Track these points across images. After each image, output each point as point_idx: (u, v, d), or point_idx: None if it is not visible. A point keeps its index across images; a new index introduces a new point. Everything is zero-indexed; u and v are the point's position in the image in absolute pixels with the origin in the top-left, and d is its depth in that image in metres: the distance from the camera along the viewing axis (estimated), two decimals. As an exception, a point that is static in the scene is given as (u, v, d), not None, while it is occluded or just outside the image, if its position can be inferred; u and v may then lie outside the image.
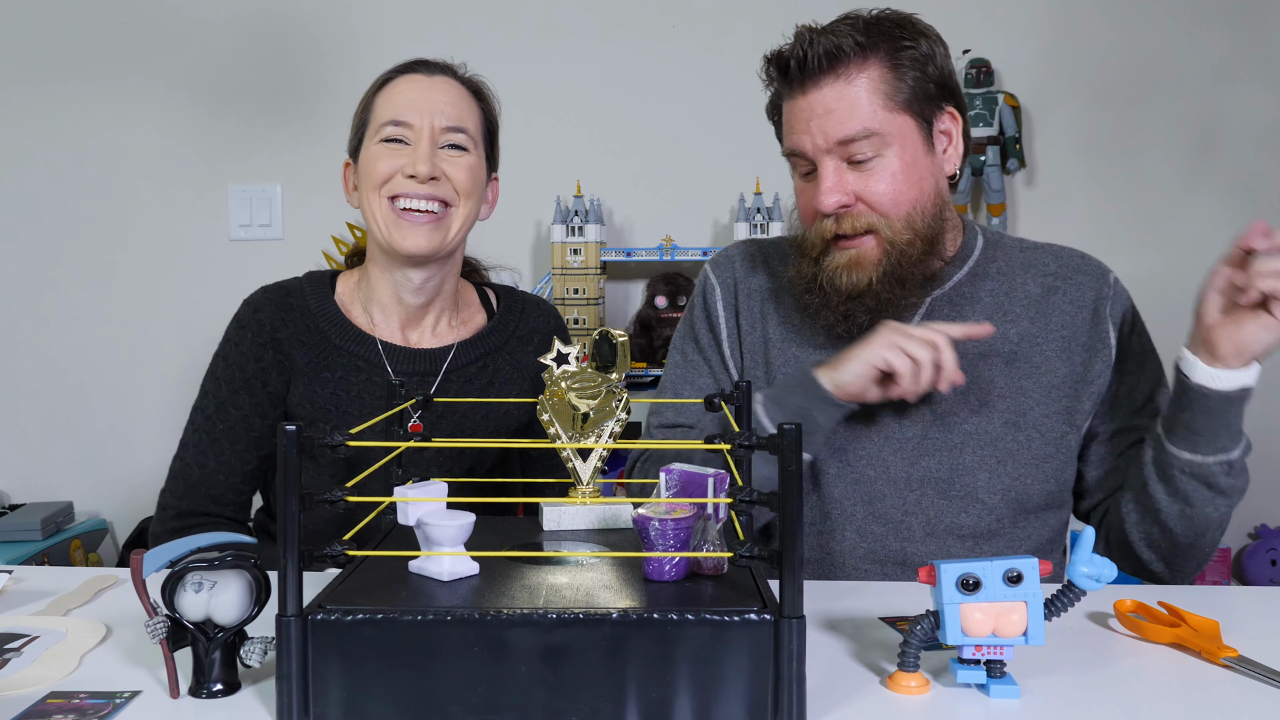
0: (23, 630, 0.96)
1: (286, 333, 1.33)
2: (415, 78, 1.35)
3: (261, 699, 0.79)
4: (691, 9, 2.49)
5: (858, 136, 1.15)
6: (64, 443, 2.55)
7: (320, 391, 1.32)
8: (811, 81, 1.16)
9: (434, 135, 1.31)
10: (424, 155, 1.29)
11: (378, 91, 1.35)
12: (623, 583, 0.79)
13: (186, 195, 2.52)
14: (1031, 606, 0.78)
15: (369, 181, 1.31)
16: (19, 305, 2.55)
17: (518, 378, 1.41)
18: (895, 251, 1.17)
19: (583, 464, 0.97)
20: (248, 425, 1.32)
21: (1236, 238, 1.06)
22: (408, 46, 1.89)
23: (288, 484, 0.72)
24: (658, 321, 2.35)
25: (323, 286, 1.39)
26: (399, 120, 1.31)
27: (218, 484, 1.32)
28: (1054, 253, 1.30)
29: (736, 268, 1.37)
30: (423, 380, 1.35)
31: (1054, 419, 1.22)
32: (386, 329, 1.38)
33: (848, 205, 1.17)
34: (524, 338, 1.44)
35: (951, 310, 1.25)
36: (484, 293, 1.48)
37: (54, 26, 2.52)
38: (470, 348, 1.40)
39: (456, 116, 1.34)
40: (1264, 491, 2.49)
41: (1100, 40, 2.46)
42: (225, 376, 1.33)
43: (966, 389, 1.22)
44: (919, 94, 1.17)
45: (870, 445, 1.23)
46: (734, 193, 2.41)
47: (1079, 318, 1.25)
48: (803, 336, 1.29)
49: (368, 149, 1.33)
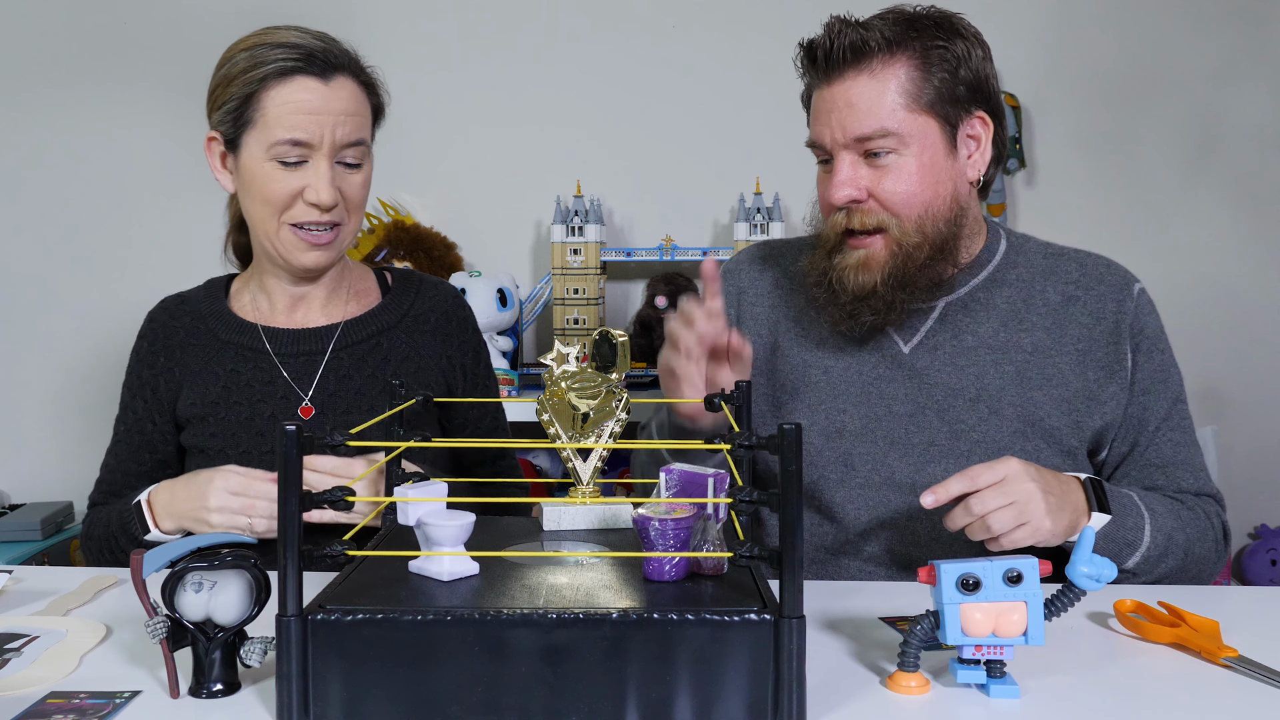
0: (23, 630, 0.96)
1: (179, 338, 1.36)
2: (311, 84, 1.22)
3: (261, 699, 0.79)
4: (691, 9, 2.49)
5: (874, 135, 1.14)
6: (64, 443, 2.55)
7: (211, 388, 1.32)
8: (835, 74, 1.16)
9: (333, 153, 1.23)
10: (325, 182, 1.22)
11: (265, 85, 1.22)
12: (623, 583, 0.79)
13: (187, 195, 2.52)
14: (1031, 606, 0.78)
15: (262, 202, 1.24)
16: (19, 305, 2.55)
17: (415, 356, 1.37)
18: (902, 254, 1.17)
19: (583, 464, 0.97)
20: (140, 428, 1.36)
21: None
22: (408, 47, 1.90)
23: (288, 484, 0.72)
24: (658, 321, 2.35)
25: (216, 289, 1.41)
26: (297, 140, 1.21)
27: (117, 482, 1.38)
28: (1078, 260, 1.27)
29: (742, 276, 1.37)
30: (310, 359, 1.33)
31: (1064, 430, 1.20)
32: (272, 313, 1.36)
33: (859, 200, 1.16)
34: (420, 316, 1.39)
35: (966, 316, 1.24)
36: (384, 277, 1.45)
37: (55, 27, 2.52)
38: (359, 326, 1.36)
39: (355, 128, 1.25)
40: (1264, 491, 2.51)
41: (1100, 40, 2.46)
42: (127, 383, 1.40)
43: (977, 397, 1.21)
44: (945, 95, 1.16)
45: (876, 451, 1.23)
46: (734, 193, 2.41)
47: (1097, 330, 1.22)
48: (821, 337, 1.28)
49: (255, 159, 1.23)
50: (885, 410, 1.23)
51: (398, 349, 1.37)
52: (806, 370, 1.28)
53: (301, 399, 1.31)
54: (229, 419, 1.30)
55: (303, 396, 1.32)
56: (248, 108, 1.23)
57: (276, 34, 1.26)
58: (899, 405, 1.23)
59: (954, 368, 1.23)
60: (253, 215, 1.28)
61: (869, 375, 1.25)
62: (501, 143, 2.52)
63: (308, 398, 1.31)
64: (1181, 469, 1.22)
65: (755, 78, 2.43)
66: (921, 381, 1.23)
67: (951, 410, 1.21)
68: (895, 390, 1.24)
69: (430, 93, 2.44)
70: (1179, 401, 1.24)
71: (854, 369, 1.26)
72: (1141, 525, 1.12)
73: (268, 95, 1.22)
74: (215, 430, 1.31)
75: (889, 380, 1.24)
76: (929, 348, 1.24)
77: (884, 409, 1.23)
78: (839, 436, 1.24)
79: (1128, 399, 1.22)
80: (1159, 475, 1.22)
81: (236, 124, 1.25)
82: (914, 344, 1.25)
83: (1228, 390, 2.47)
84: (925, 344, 1.24)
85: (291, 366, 1.33)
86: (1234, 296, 2.48)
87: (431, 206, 2.51)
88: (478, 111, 2.51)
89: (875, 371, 1.25)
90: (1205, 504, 1.22)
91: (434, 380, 1.37)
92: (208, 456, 1.31)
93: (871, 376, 1.25)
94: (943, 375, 1.23)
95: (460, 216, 2.49)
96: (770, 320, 1.33)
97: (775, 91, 1.86)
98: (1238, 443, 2.46)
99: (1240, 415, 2.47)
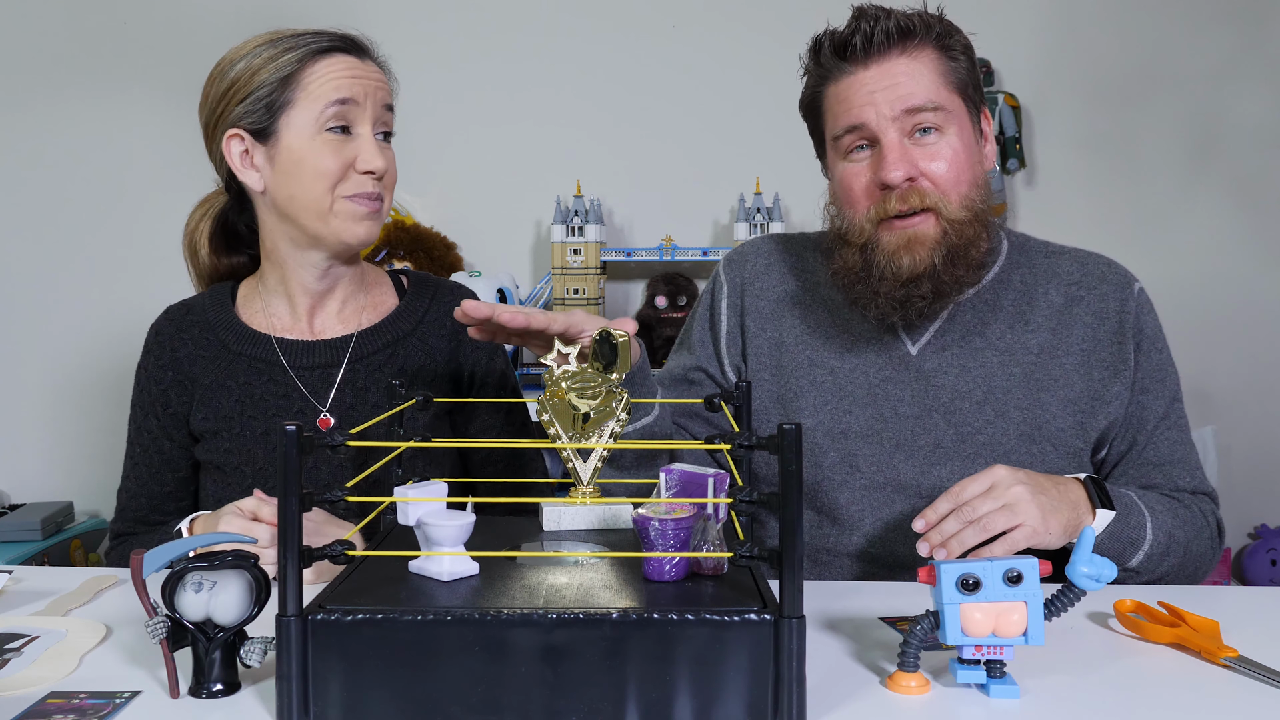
0: (23, 630, 0.96)
1: (187, 350, 1.32)
2: (349, 59, 1.24)
3: (261, 699, 0.79)
4: (691, 9, 2.49)
5: (925, 107, 1.14)
6: (64, 443, 2.56)
7: (225, 401, 1.29)
8: (877, 55, 1.16)
9: (375, 117, 1.24)
10: (374, 147, 1.23)
11: (304, 64, 1.22)
12: (623, 583, 0.79)
13: (188, 195, 2.50)
14: (1031, 606, 0.78)
15: (319, 178, 1.22)
16: (20, 305, 2.55)
17: (429, 364, 1.34)
18: (955, 230, 1.15)
19: (583, 464, 0.97)
20: (159, 448, 1.33)
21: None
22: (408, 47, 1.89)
23: (288, 484, 0.72)
24: (658, 321, 2.35)
25: (222, 297, 1.36)
26: (346, 99, 1.21)
27: (141, 506, 1.34)
28: (1079, 259, 1.27)
29: (748, 267, 1.36)
30: (325, 372, 1.30)
31: (1069, 433, 1.20)
32: (288, 323, 1.33)
33: (914, 179, 1.15)
34: (436, 321, 1.36)
35: (973, 317, 1.24)
36: (399, 281, 1.42)
37: (55, 27, 2.52)
38: (375, 335, 1.33)
39: (389, 94, 1.28)
40: (1263, 491, 2.51)
41: (1100, 40, 2.46)
42: (137, 402, 1.35)
43: (984, 399, 1.21)
44: (969, 81, 1.19)
45: (882, 453, 1.22)
46: (734, 193, 2.41)
47: (1101, 330, 1.22)
48: (826, 338, 1.28)
49: (300, 137, 1.22)
50: (891, 412, 1.23)
51: (413, 357, 1.34)
52: (812, 370, 1.27)
53: (319, 412, 1.29)
54: (244, 434, 1.28)
55: (320, 409, 1.29)
56: (286, 89, 1.22)
57: (290, 29, 1.25)
58: (905, 407, 1.23)
59: (961, 369, 1.22)
60: (300, 198, 1.23)
61: (875, 376, 1.25)
62: (501, 143, 2.52)
63: (325, 410, 1.29)
64: (1178, 467, 1.22)
65: (755, 78, 2.43)
66: (928, 383, 1.23)
67: (958, 412, 1.21)
68: (902, 392, 1.23)
69: (430, 93, 2.44)
70: (1176, 400, 1.24)
71: (860, 370, 1.25)
72: (1144, 523, 1.12)
73: (308, 71, 1.22)
74: (230, 446, 1.28)
75: (895, 381, 1.24)
76: (937, 349, 1.24)
77: (890, 410, 1.23)
78: (844, 438, 1.24)
79: (1129, 398, 1.22)
80: (1156, 474, 1.22)
81: (271, 110, 1.22)
82: (922, 344, 1.24)
83: (1227, 390, 2.47)
84: (933, 345, 1.24)
85: (307, 380, 1.30)
86: (1234, 296, 2.48)
87: (431, 206, 2.51)
88: (478, 111, 2.51)
89: (882, 373, 1.24)
90: (1200, 502, 1.22)
91: (445, 388, 1.34)
92: (224, 473, 1.29)
93: (878, 378, 1.24)
94: (950, 377, 1.22)
95: (460, 216, 2.49)
96: (775, 315, 1.32)
97: (775, 91, 1.86)
98: (1237, 443, 2.46)
99: (1240, 415, 2.47)
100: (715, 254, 2.34)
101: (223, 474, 1.29)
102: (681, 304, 2.34)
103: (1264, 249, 2.48)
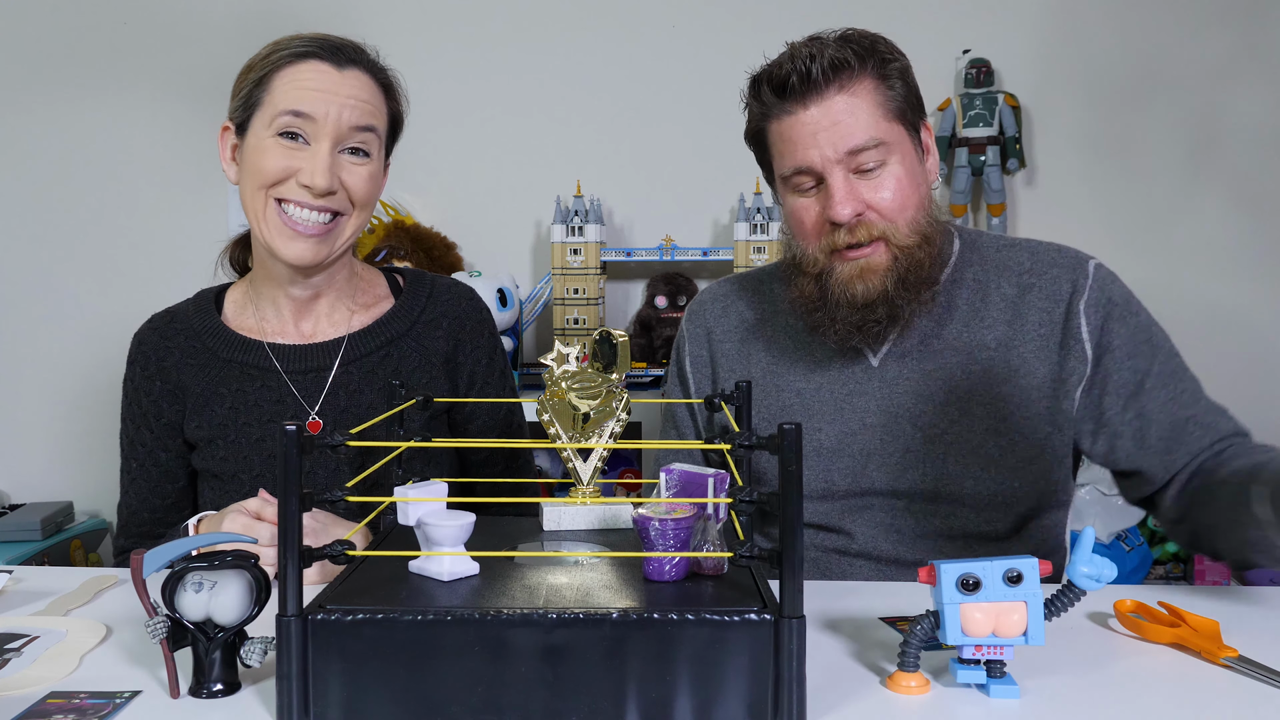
0: (23, 630, 0.96)
1: (174, 359, 1.30)
2: (323, 67, 1.21)
3: (261, 699, 0.79)
4: (692, 8, 2.49)
5: (867, 145, 1.15)
6: (64, 443, 2.56)
7: (218, 409, 1.27)
8: (815, 94, 1.16)
9: (338, 135, 1.20)
10: (323, 165, 1.18)
11: (278, 69, 1.21)
12: (623, 583, 0.79)
13: (187, 194, 2.53)
14: (1031, 606, 0.78)
15: (255, 177, 1.20)
16: (19, 305, 2.55)
17: (424, 364, 1.32)
18: (905, 256, 1.18)
19: (583, 464, 0.97)
20: (155, 460, 1.31)
21: None
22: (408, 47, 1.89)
23: (288, 484, 0.72)
24: (658, 321, 2.35)
25: (207, 303, 1.34)
26: (300, 111, 1.18)
27: (143, 521, 1.33)
28: (1030, 249, 1.28)
29: (708, 314, 1.38)
30: (318, 375, 1.28)
31: (1036, 420, 1.21)
32: (277, 327, 1.31)
33: (861, 214, 1.17)
34: (432, 321, 1.34)
35: (930, 320, 1.24)
36: (394, 279, 1.40)
37: (54, 26, 2.52)
38: (368, 336, 1.31)
39: (366, 114, 1.22)
40: (1264, 491, 2.51)
41: (1100, 40, 2.46)
42: (127, 415, 1.33)
43: (947, 399, 1.22)
44: (907, 104, 1.19)
45: (854, 465, 1.24)
46: (734, 193, 2.41)
47: (1055, 314, 1.22)
48: (791, 362, 1.29)
49: (258, 137, 1.21)
50: (859, 424, 1.24)
51: (409, 359, 1.32)
52: (780, 394, 1.29)
53: (313, 417, 1.27)
54: (239, 441, 1.26)
55: (312, 414, 1.27)
56: (258, 89, 1.22)
57: (298, 34, 1.25)
58: (871, 417, 1.24)
59: (922, 374, 1.23)
60: (245, 200, 1.23)
61: (840, 392, 1.26)
62: (501, 142, 2.52)
63: (314, 413, 1.27)
64: (1215, 415, 1.21)
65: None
66: (892, 391, 1.24)
67: (923, 416, 1.22)
68: (867, 403, 1.24)
69: (430, 93, 2.43)
70: (1173, 356, 1.23)
71: (825, 388, 1.27)
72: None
73: (278, 76, 1.21)
74: (226, 454, 1.26)
75: (860, 394, 1.25)
76: (897, 357, 1.25)
77: (858, 423, 1.24)
78: (816, 455, 1.25)
79: (1102, 368, 1.20)
80: (1195, 429, 1.19)
81: (246, 108, 1.23)
82: (883, 354, 1.26)
83: (1227, 391, 2.45)
84: (893, 353, 1.25)
85: (300, 384, 1.28)
86: (1234, 296, 2.48)
87: (431, 206, 2.51)
88: (477, 111, 2.51)
89: (846, 387, 1.26)
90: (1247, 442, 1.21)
91: (442, 388, 1.33)
92: (221, 481, 1.27)
93: (843, 392, 1.26)
94: (912, 383, 1.24)
95: (460, 216, 2.49)
96: (741, 352, 1.34)
97: (775, 91, 1.86)
98: (1237, 443, 2.46)
99: (1239, 416, 2.45)
100: (715, 254, 2.34)
101: (220, 481, 1.28)
102: (681, 304, 2.34)
103: (1264, 249, 2.48)
